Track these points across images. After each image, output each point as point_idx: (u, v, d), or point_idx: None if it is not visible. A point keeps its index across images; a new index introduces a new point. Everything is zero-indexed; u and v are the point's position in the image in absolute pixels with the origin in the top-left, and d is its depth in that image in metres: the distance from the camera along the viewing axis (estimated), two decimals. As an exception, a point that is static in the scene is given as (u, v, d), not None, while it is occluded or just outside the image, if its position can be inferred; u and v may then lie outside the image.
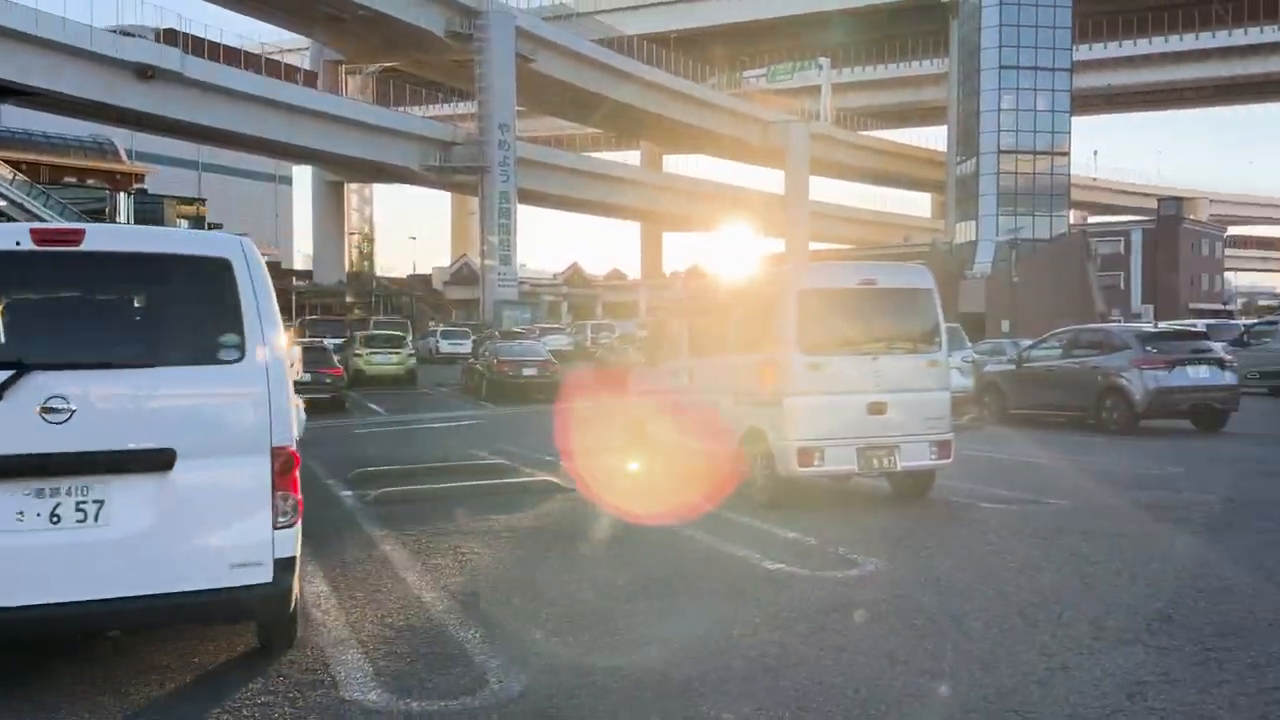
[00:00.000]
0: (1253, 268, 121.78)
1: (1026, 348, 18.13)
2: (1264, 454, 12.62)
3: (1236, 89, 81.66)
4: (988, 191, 53.48)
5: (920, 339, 9.22)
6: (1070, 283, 49.71)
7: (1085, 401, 15.86)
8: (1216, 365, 15.39)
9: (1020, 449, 13.57)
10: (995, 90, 52.99)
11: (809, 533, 7.84)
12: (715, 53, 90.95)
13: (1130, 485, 10.07)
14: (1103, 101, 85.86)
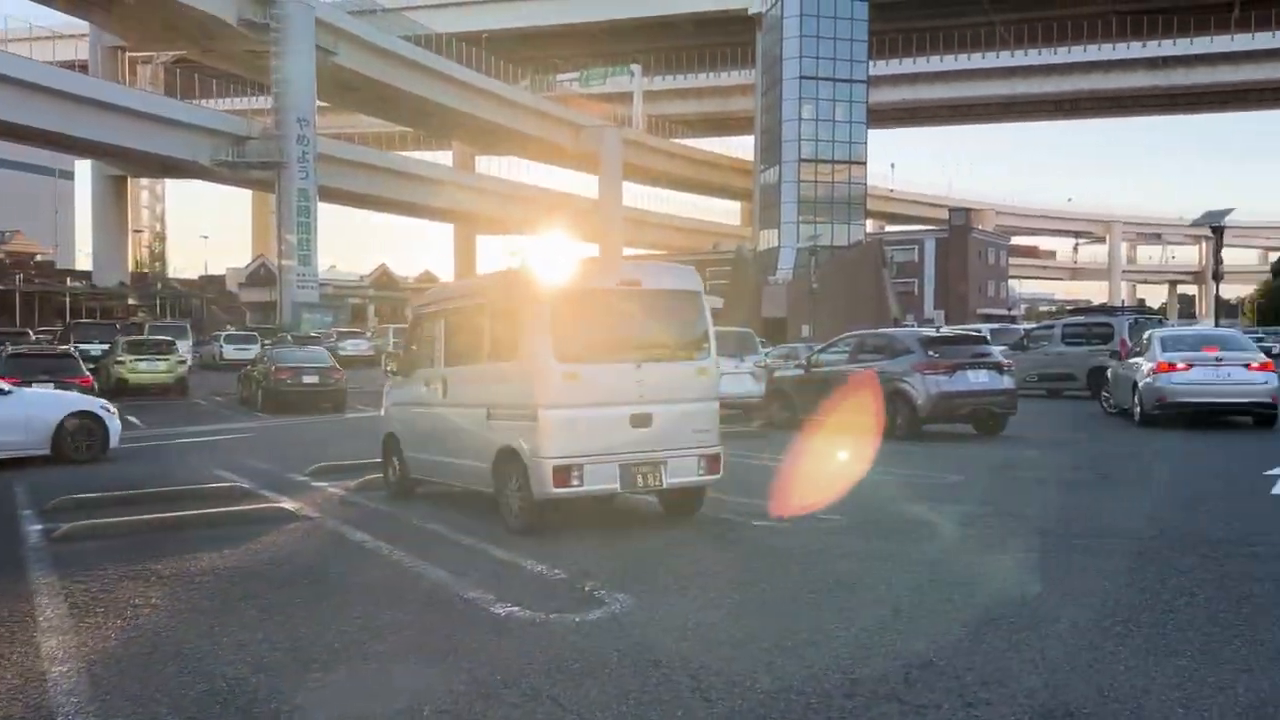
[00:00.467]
0: (1033, 275, 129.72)
1: (814, 353, 17.88)
2: (1038, 459, 12.57)
3: (1019, 106, 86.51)
4: (789, 199, 54.47)
5: (688, 345, 8.49)
6: (867, 288, 51.12)
7: (871, 406, 15.65)
8: (995, 370, 15.47)
9: (804, 457, 13.13)
10: (796, 100, 54.03)
11: (560, 563, 6.94)
12: (528, 54, 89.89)
13: (908, 496, 9.65)
14: (899, 115, 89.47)
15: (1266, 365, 15.44)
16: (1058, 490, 9.98)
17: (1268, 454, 12.61)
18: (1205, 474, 11.02)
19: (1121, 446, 13.85)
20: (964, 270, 77.02)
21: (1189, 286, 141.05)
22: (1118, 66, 77.92)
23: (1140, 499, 9.38)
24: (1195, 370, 15.35)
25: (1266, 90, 78.63)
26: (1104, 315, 24.80)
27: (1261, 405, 15.23)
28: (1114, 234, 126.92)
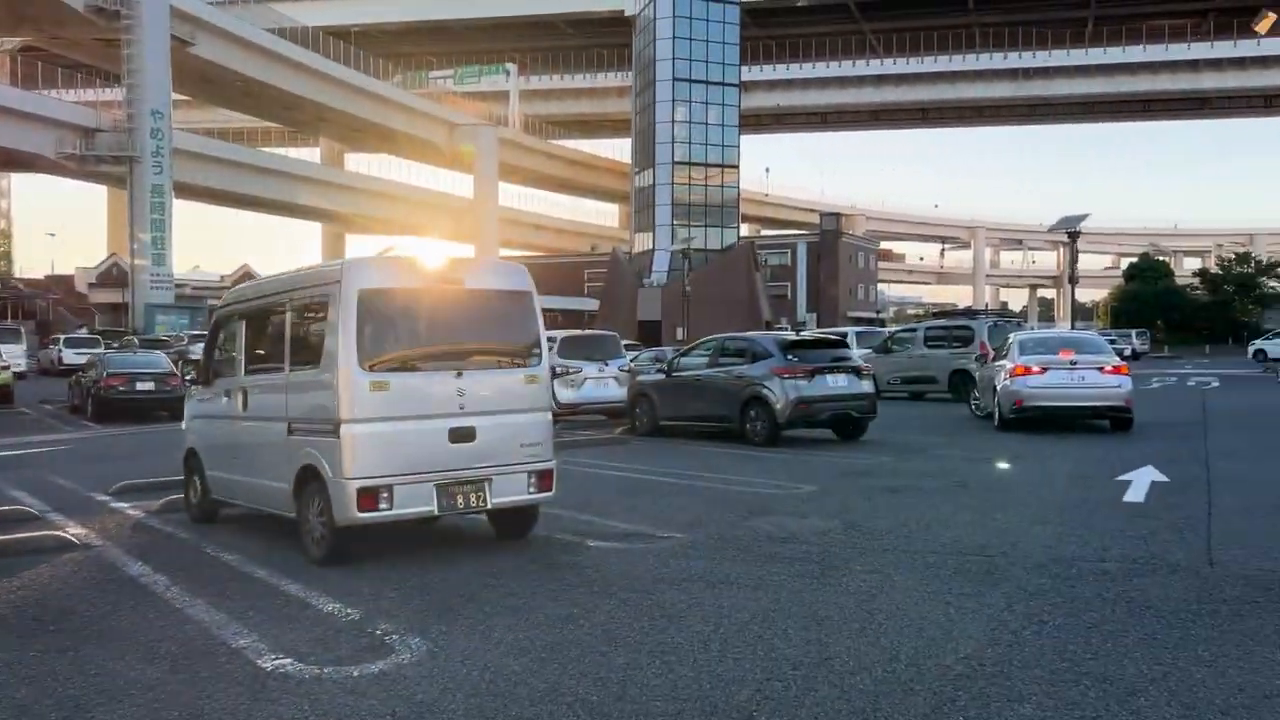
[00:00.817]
0: (901, 280, 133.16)
1: (674, 356, 17.34)
2: (894, 465, 12.23)
3: (888, 113, 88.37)
4: (663, 202, 54.23)
5: (517, 350, 7.73)
6: (740, 291, 51.27)
7: (730, 411, 15.19)
8: (854, 374, 15.16)
9: (659, 465, 12.52)
10: (669, 102, 53.80)
11: (359, 600, 6.13)
12: (401, 51, 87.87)
13: (756, 510, 9.10)
14: (773, 120, 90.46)
15: (1120, 369, 15.52)
16: (911, 501, 9.57)
17: (1121, 458, 12.54)
18: (1060, 480, 10.79)
19: (980, 452, 13.64)
20: (835, 274, 78.24)
21: (1048, 290, 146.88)
22: (981, 77, 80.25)
23: (994, 509, 9.02)
24: (1050, 374, 15.31)
25: (1117, 102, 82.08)
26: (965, 318, 25.02)
27: (1115, 409, 15.29)
28: (978, 240, 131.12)
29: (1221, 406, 21.94)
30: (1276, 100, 79.78)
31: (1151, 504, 9.15)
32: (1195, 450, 13.42)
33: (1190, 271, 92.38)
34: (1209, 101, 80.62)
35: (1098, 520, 8.43)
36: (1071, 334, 18.89)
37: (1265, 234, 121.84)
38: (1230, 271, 76.38)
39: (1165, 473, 11.11)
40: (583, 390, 18.62)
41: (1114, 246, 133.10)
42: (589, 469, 12.28)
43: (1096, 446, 14.00)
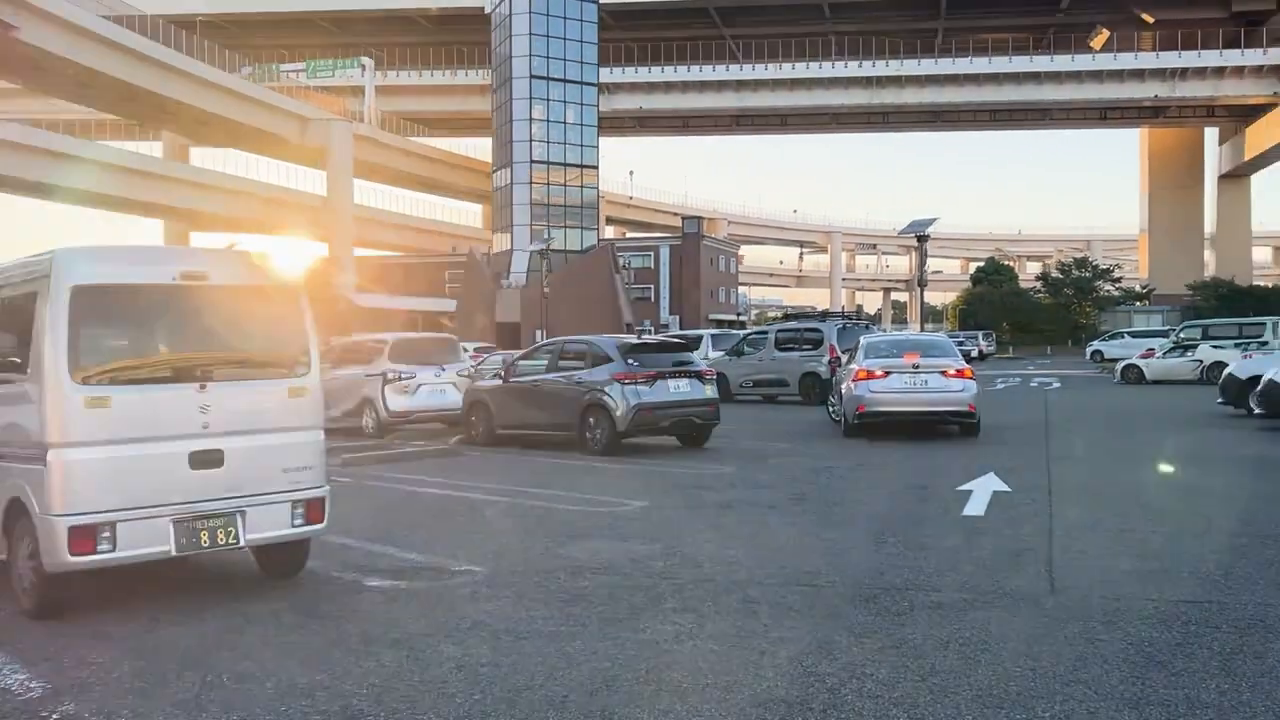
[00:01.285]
0: (762, 283, 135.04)
1: (512, 360, 16.31)
2: (734, 476, 11.49)
3: (748, 119, 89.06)
4: (521, 201, 52.91)
5: (278, 358, 6.59)
6: (600, 293, 50.48)
7: (569, 419, 14.25)
8: (697, 379, 14.42)
9: (486, 479, 11.48)
10: (526, 100, 52.53)
11: (54, 669, 4.94)
12: (252, 42, 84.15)
13: (576, 533, 8.17)
14: (636, 123, 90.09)
15: (964, 372, 15.10)
16: (743, 518, 8.80)
17: (964, 465, 12.10)
18: (901, 492, 10.21)
19: (823, 460, 13.06)
20: (697, 276, 78.37)
21: (901, 294, 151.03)
22: (837, 84, 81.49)
23: (829, 526, 8.32)
24: (893, 378, 14.83)
25: (965, 111, 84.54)
26: (815, 321, 24.70)
27: (959, 414, 14.91)
28: (835, 244, 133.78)
29: (1062, 407, 22.17)
30: (1111, 113, 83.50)
31: (991, 518, 8.60)
32: (1037, 455, 13.13)
33: (1033, 275, 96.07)
34: (1049, 112, 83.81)
35: (935, 538, 7.79)
36: (918, 337, 18.63)
37: (1101, 240, 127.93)
38: (1069, 276, 79.54)
39: (1007, 481, 10.66)
40: (417, 397, 17.38)
41: (963, 251, 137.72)
42: (407, 486, 11.17)
43: (941, 452, 13.58)
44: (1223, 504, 9.14)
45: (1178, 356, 30.65)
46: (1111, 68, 76.34)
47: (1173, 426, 17.24)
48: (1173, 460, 12.44)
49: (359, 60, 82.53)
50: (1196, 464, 12.11)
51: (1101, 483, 10.59)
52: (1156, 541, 7.52)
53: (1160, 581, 6.28)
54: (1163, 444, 14.33)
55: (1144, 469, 11.71)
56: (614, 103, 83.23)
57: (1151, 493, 9.90)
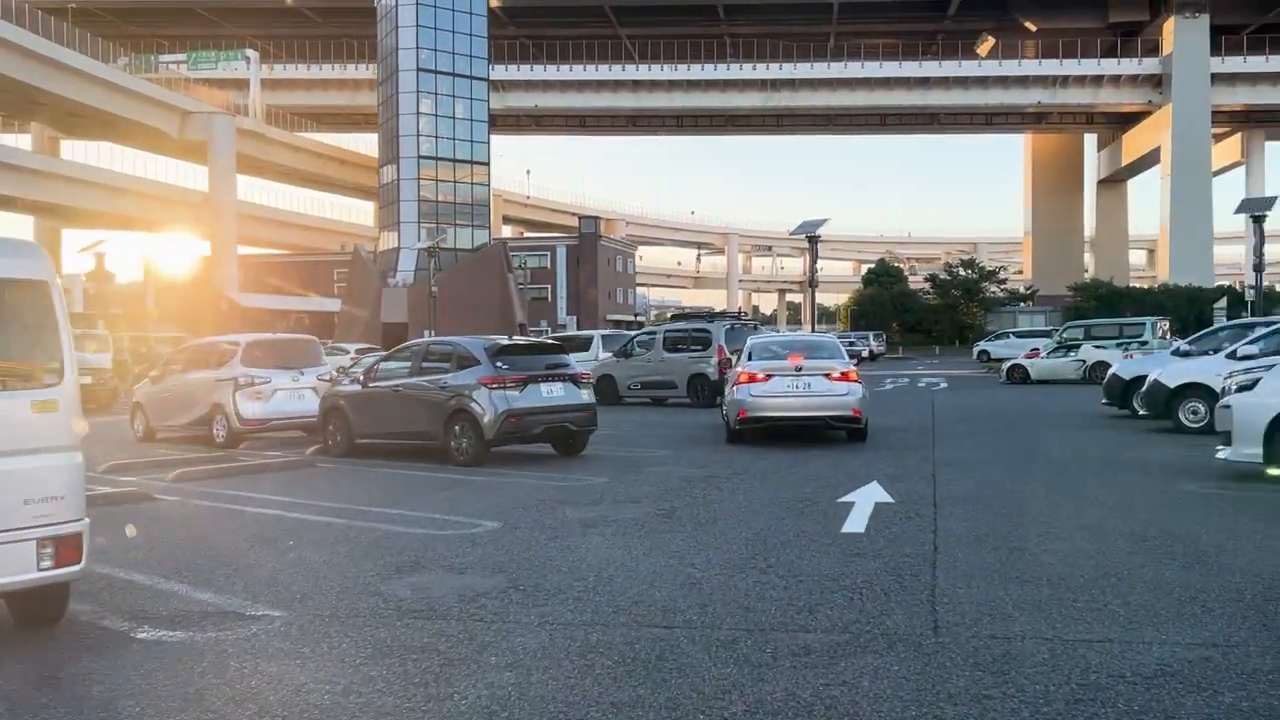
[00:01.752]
0: (660, 284, 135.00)
1: (373, 364, 15.10)
2: (604, 488, 10.56)
3: (645, 119, 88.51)
4: (408, 198, 51.12)
5: (16, 368, 5.42)
6: (492, 293, 49.21)
7: (432, 427, 13.15)
8: (572, 382, 13.45)
9: (332, 496, 10.33)
10: (413, 94, 50.75)
11: None
12: (129, 32, 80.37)
13: (409, 562, 7.14)
14: (532, 122, 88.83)
15: (848, 375, 14.38)
16: (604, 540, 7.87)
17: (848, 473, 11.41)
18: (778, 505, 9.41)
19: (703, 468, 12.24)
20: (594, 277, 77.57)
21: (796, 295, 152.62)
22: (733, 85, 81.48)
23: (695, 549, 7.45)
24: (774, 381, 14.06)
25: (857, 115, 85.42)
26: (703, 321, 24.01)
27: (843, 419, 14.23)
28: (731, 246, 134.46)
29: (950, 409, 21.86)
30: (997, 118, 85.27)
31: (872, 536, 7.84)
32: (923, 461, 12.53)
33: (922, 277, 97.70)
34: (938, 117, 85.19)
35: (810, 561, 6.98)
36: (805, 338, 17.98)
37: (987, 243, 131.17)
38: (957, 277, 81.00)
39: (891, 490, 9.99)
40: (272, 404, 16.05)
41: (855, 253, 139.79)
42: (237, 506, 9.96)
43: (825, 459, 12.89)
44: (1114, 514, 8.57)
45: (1061, 356, 30.89)
46: (997, 74, 77.94)
47: (1059, 428, 16.94)
48: (1060, 465, 11.95)
49: (243, 52, 79.52)
50: (1084, 469, 11.63)
51: (988, 491, 9.97)
52: (1048, 561, 6.83)
53: (1054, 614, 5.55)
54: (1049, 448, 13.89)
55: (1031, 475, 11.16)
56: (509, 100, 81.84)
57: (1040, 502, 9.29)
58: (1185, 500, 9.25)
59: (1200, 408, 14.83)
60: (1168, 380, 15.32)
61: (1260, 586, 6.05)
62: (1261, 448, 9.76)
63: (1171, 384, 15.22)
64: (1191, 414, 14.94)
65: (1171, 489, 9.86)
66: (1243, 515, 8.39)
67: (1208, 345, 16.88)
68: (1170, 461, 12.09)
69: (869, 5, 78.44)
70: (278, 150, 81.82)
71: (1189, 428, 14.89)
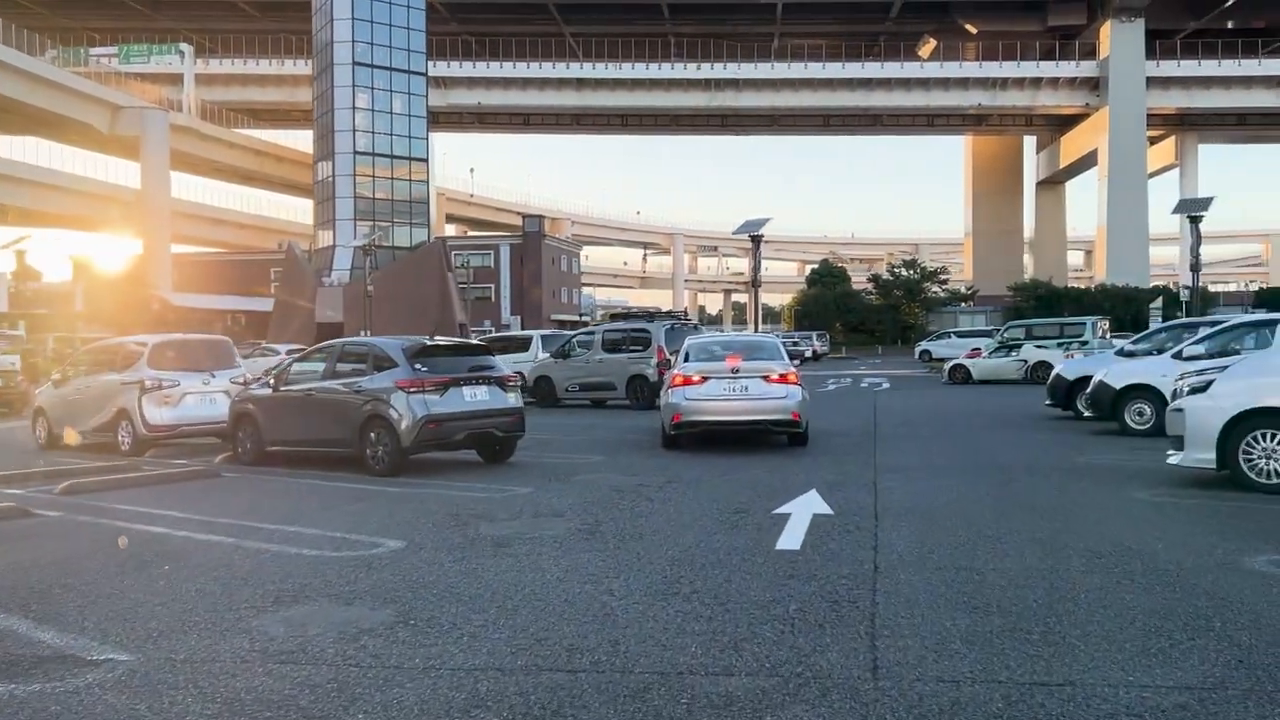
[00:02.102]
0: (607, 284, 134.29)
1: (285, 365, 14.17)
2: (526, 500, 9.82)
3: (589, 118, 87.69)
4: (344, 195, 49.72)
5: None
6: (430, 292, 48.10)
7: (347, 434, 12.30)
8: (498, 385, 12.68)
9: (230, 512, 9.45)
10: (349, 88, 49.36)
11: None
12: (58, 23, 77.84)
13: (288, 592, 6.33)
14: (475, 120, 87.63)
15: (787, 377, 13.73)
16: (515, 562, 7.12)
17: (785, 480, 10.79)
18: (710, 518, 8.74)
19: (635, 475, 11.55)
20: (538, 276, 76.65)
21: (742, 295, 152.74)
22: (677, 85, 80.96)
23: (614, 572, 6.73)
24: (711, 384, 13.39)
25: (800, 115, 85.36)
26: (643, 321, 23.35)
27: (781, 423, 13.58)
28: (677, 246, 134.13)
29: (892, 411, 21.42)
30: (938, 120, 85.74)
31: (808, 553, 7.19)
32: (864, 467, 11.96)
33: (865, 278, 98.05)
34: (880, 118, 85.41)
35: (739, 585, 6.30)
36: (744, 338, 17.33)
37: (928, 244, 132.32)
38: (899, 278, 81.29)
39: (830, 500, 9.38)
40: (181, 409, 15.07)
41: (799, 254, 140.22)
42: (123, 523, 9.05)
43: (762, 464, 12.26)
44: (1065, 526, 8.01)
45: (1003, 356, 30.69)
46: (938, 76, 78.31)
47: (1003, 431, 16.48)
48: (1006, 472, 11.42)
49: (177, 46, 77.42)
50: (1031, 476, 11.11)
51: (932, 501, 9.39)
52: (997, 584, 6.22)
53: (1007, 650, 4.92)
54: (995, 452, 13.39)
55: (977, 482, 10.61)
56: (451, 98, 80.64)
57: (986, 513, 8.71)
58: (1138, 510, 8.73)
59: (1146, 409, 14.47)
60: (1113, 381, 14.93)
61: (1229, 613, 5.48)
62: (1215, 453, 9.30)
63: (1117, 385, 14.84)
64: (1138, 415, 14.57)
65: (1123, 497, 9.35)
66: (1199, 527, 7.88)
67: (1151, 345, 16.54)
68: (1119, 466, 11.63)
69: (812, 6, 78.37)
70: (213, 147, 79.83)
71: (1135, 429, 14.51)
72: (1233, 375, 9.42)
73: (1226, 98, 76.22)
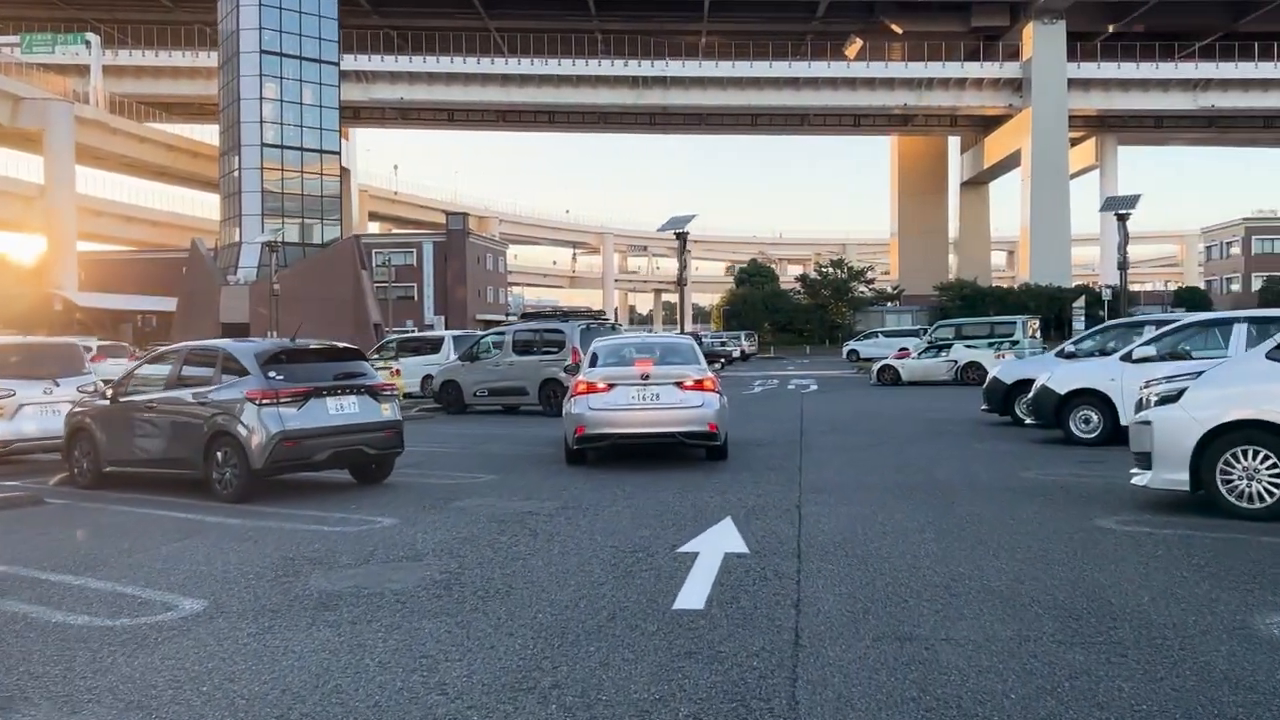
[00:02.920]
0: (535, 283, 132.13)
1: (128, 371, 12.21)
2: (383, 536, 8.11)
3: (515, 114, 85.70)
4: (251, 189, 47.10)
5: None
6: (343, 291, 45.85)
7: (191, 453, 10.46)
8: (369, 396, 10.91)
9: (35, 550, 7.61)
10: (256, 77, 46.74)
11: None
12: (-43, 11, 73.73)
13: (1, 695, 4.59)
14: (398, 115, 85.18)
15: (703, 384, 12.07)
16: (333, 635, 5.43)
17: (697, 506, 9.24)
18: (601, 561, 7.14)
19: (525, 499, 9.92)
20: (463, 275, 74.47)
21: (673, 295, 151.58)
22: (604, 82, 79.38)
23: (457, 651, 5.09)
24: (617, 391, 11.75)
25: (728, 115, 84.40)
26: (556, 321, 21.59)
27: (696, 435, 12.00)
28: (607, 245, 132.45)
29: (820, 416, 20.05)
30: (864, 120, 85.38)
31: (714, 615, 5.62)
32: (788, 486, 10.46)
33: (793, 277, 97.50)
34: (808, 118, 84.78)
35: (616, 674, 4.69)
36: (658, 339, 15.69)
37: (855, 244, 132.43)
38: (826, 277, 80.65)
39: (746, 532, 7.86)
40: (17, 422, 13.06)
41: (729, 254, 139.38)
42: None
43: (673, 483, 10.70)
44: (1026, 569, 6.56)
45: (932, 357, 29.64)
46: (864, 75, 77.82)
47: (939, 439, 15.09)
48: (947, 492, 9.99)
49: (83, 36, 73.70)
50: (977, 497, 9.69)
51: (865, 532, 7.90)
52: (953, 664, 4.71)
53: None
54: (932, 467, 11.97)
55: (915, 507, 9.16)
56: (373, 92, 78.13)
57: (930, 550, 7.24)
58: (1109, 544, 7.31)
59: (1093, 416, 13.22)
60: (1057, 386, 13.66)
61: (1265, 713, 4.03)
62: (1188, 472, 7.96)
63: (1061, 390, 13.57)
64: (1083, 423, 13.32)
65: (1088, 526, 7.94)
66: (1186, 569, 6.47)
67: (1094, 345, 15.34)
68: (1074, 484, 10.25)
69: (739, 4, 77.36)
70: (123, 141, 76.29)
71: (1081, 438, 13.25)
72: (1207, 382, 8.09)
73: (1144, 99, 76.90)
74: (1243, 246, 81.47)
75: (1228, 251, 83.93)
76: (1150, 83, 75.89)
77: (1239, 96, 76.11)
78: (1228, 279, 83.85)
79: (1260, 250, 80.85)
